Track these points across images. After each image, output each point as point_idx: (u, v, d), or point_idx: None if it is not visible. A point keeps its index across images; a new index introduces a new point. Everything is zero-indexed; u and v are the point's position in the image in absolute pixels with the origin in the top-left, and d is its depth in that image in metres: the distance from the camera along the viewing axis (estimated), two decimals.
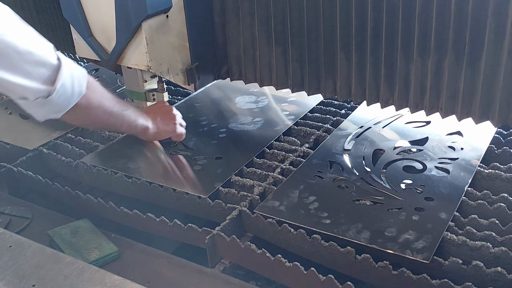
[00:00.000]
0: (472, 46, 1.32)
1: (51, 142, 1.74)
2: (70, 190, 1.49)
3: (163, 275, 1.22)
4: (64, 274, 1.13)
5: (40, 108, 1.19)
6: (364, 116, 1.75)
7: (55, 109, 1.21)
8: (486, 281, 1.09)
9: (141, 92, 1.66)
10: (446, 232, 1.19)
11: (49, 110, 1.21)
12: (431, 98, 1.43)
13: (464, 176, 1.40)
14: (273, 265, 1.18)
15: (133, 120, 1.51)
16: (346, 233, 1.21)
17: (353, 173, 1.44)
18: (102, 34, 1.56)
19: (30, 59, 1.12)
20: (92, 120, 1.39)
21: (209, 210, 1.38)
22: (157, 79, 1.66)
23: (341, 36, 1.48)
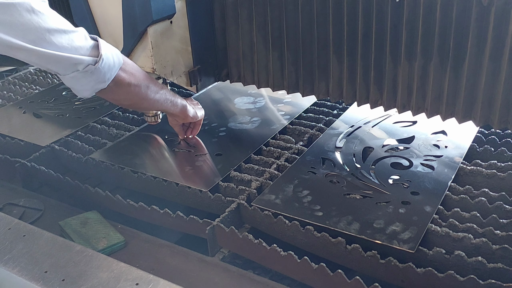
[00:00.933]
0: (456, 51, 1.32)
1: (62, 139, 1.75)
2: (80, 184, 1.49)
3: (166, 263, 1.23)
4: (74, 261, 1.13)
5: (89, 79, 1.22)
6: (355, 116, 1.75)
7: (101, 78, 1.24)
8: (468, 269, 1.10)
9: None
10: (431, 224, 1.20)
11: (97, 79, 1.24)
12: (417, 99, 1.43)
13: (447, 172, 1.40)
14: (269, 254, 1.18)
15: (174, 98, 1.52)
16: (337, 224, 1.22)
17: (344, 169, 1.45)
18: (110, 38, 1.55)
19: (76, 37, 1.19)
20: (142, 96, 1.40)
21: (210, 203, 1.38)
22: (161, 80, 1.66)
23: (333, 41, 1.48)
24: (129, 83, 1.33)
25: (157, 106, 1.50)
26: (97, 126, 1.83)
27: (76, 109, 1.98)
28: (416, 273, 1.08)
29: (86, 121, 1.86)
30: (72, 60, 1.18)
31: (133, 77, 1.34)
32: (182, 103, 1.56)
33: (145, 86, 1.39)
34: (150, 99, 1.43)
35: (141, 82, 1.37)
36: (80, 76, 1.21)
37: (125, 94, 1.36)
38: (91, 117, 1.90)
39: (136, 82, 1.35)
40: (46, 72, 2.43)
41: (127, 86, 1.33)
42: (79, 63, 1.19)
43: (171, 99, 1.51)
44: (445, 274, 1.06)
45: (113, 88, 1.30)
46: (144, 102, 1.43)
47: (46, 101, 2.06)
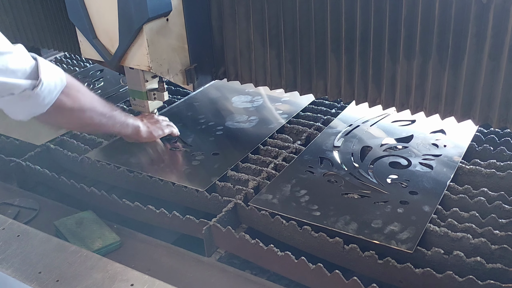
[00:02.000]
0: (455, 49, 1.32)
1: (58, 138, 1.74)
2: (75, 183, 1.48)
3: (162, 263, 1.22)
4: (69, 262, 1.13)
5: (26, 103, 1.16)
6: (353, 115, 1.75)
7: (39, 102, 1.17)
8: (466, 270, 1.09)
9: (143, 92, 1.65)
10: (429, 224, 1.20)
11: (35, 104, 1.17)
12: (416, 98, 1.43)
13: (446, 171, 1.40)
14: (266, 254, 1.18)
15: (124, 120, 1.49)
16: (335, 224, 1.21)
17: (342, 168, 1.44)
18: (106, 36, 1.55)
19: (12, 58, 1.11)
20: (86, 121, 1.35)
21: (206, 202, 1.38)
22: (157, 79, 1.65)
23: (331, 39, 1.47)
24: (72, 107, 1.26)
25: (105, 129, 1.45)
26: None
27: None
28: (414, 274, 1.07)
29: None
30: (6, 85, 1.10)
31: (76, 101, 1.27)
32: (134, 125, 1.53)
33: (90, 110, 1.32)
34: (95, 124, 1.37)
35: (85, 106, 1.30)
36: (16, 100, 1.14)
37: (66, 119, 1.29)
38: None
39: (79, 107, 1.28)
40: None
41: (69, 111, 1.26)
42: (14, 88, 1.11)
43: (121, 122, 1.47)
44: (444, 274, 1.06)
45: (52, 113, 1.22)
46: (88, 127, 1.40)
47: None
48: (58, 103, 1.22)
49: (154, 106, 1.71)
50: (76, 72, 2.33)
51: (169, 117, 1.80)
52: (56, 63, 2.47)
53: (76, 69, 2.39)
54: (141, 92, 1.66)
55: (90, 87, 2.14)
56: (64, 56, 2.60)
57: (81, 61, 2.50)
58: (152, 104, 1.69)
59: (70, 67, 2.42)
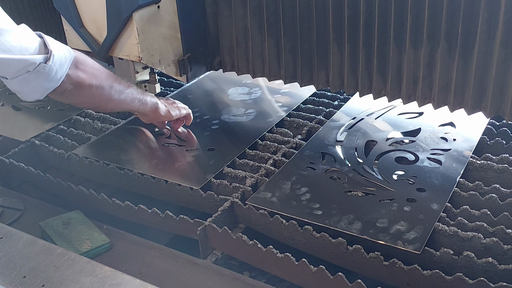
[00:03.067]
0: (465, 37, 1.31)
1: (43, 134, 1.74)
2: (62, 182, 1.48)
3: (154, 266, 1.22)
4: (55, 265, 1.12)
5: (40, 79, 1.20)
6: (356, 107, 1.74)
7: (53, 76, 1.21)
8: (477, 271, 1.09)
9: (133, 84, 1.65)
10: (438, 223, 1.19)
11: (48, 78, 1.21)
12: (423, 89, 1.42)
13: (456, 167, 1.39)
14: (264, 256, 1.18)
15: (142, 97, 1.51)
16: (338, 224, 1.21)
17: (346, 164, 1.44)
18: (93, 25, 1.54)
19: (23, 35, 1.16)
20: (106, 98, 1.39)
21: (201, 201, 1.38)
22: (149, 70, 1.65)
23: (333, 26, 1.47)
24: (90, 84, 1.31)
25: (124, 106, 1.48)
26: (81, 119, 1.82)
27: (58, 101, 1.96)
28: (422, 276, 1.07)
29: (69, 114, 1.85)
30: (23, 63, 1.15)
31: (94, 78, 1.32)
32: (152, 101, 1.54)
33: (109, 87, 1.37)
34: (114, 100, 1.41)
35: (104, 83, 1.35)
36: (31, 78, 1.19)
37: (87, 97, 1.34)
38: (74, 109, 1.88)
39: (98, 83, 1.33)
40: None
41: (89, 88, 1.31)
42: (30, 64, 1.16)
43: (140, 98, 1.49)
44: (453, 276, 1.06)
45: (73, 91, 1.28)
46: (108, 103, 1.42)
47: None
48: (77, 80, 1.28)
49: None
50: None
51: None
52: None
53: None
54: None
55: None
56: None
57: None
58: None
59: None
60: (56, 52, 1.20)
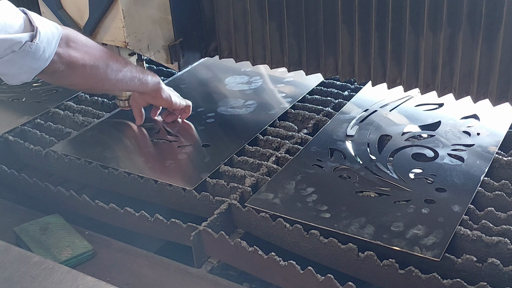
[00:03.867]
0: (489, 19, 1.32)
1: (18, 129, 1.74)
2: (39, 182, 1.49)
3: (143, 276, 1.23)
4: (32, 275, 1.13)
5: (26, 59, 1.21)
6: (369, 98, 1.75)
7: (40, 55, 1.22)
8: (503, 280, 1.10)
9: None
10: (459, 226, 1.20)
11: (35, 57, 1.21)
12: (443, 77, 1.43)
13: (480, 164, 1.40)
14: (266, 264, 1.18)
15: (142, 75, 1.52)
16: (348, 228, 1.22)
17: (357, 161, 1.45)
18: (73, 6, 1.55)
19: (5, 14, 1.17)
20: (101, 79, 1.40)
21: (195, 203, 1.38)
22: (136, 57, 1.65)
23: (342, 7, 1.48)
24: (84, 64, 1.33)
25: (122, 86, 1.51)
26: (60, 113, 1.82)
27: (34, 92, 1.97)
28: (442, 285, 1.08)
29: (46, 106, 1.86)
30: (9, 42, 1.16)
31: (88, 56, 1.34)
32: (154, 80, 1.56)
33: (104, 65, 1.39)
34: (111, 80, 1.43)
35: (99, 61, 1.37)
36: (17, 58, 1.20)
37: (81, 77, 1.36)
38: (52, 101, 1.89)
39: (92, 62, 1.34)
40: None
41: (82, 67, 1.33)
42: (15, 43, 1.17)
43: (139, 77, 1.51)
44: (477, 286, 1.06)
45: (65, 71, 1.29)
46: (105, 84, 1.44)
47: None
48: (69, 60, 1.29)
49: None
50: None
51: None
52: None
53: None
54: None
55: None
56: None
57: None
58: None
59: None
60: (42, 29, 1.21)
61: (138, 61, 1.65)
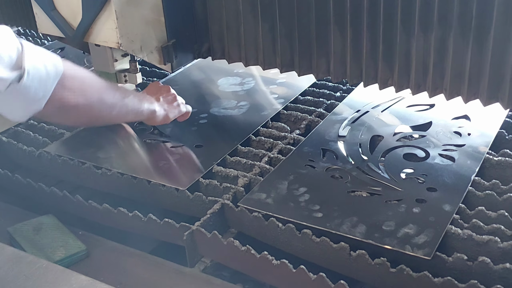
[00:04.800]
0: (480, 20, 1.32)
1: (11, 130, 1.74)
2: (33, 183, 1.49)
3: (136, 275, 1.23)
4: (25, 275, 1.13)
5: (17, 99, 1.14)
6: (361, 99, 1.76)
7: (32, 96, 1.15)
8: (494, 278, 1.10)
9: (112, 73, 1.65)
10: (450, 225, 1.20)
11: (27, 98, 1.15)
12: (434, 78, 1.43)
13: (470, 164, 1.41)
14: (258, 263, 1.19)
15: (138, 107, 1.49)
16: (340, 227, 1.22)
17: (349, 161, 1.45)
18: (66, 7, 1.55)
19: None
20: (94, 116, 1.38)
21: (188, 203, 1.39)
22: (129, 58, 1.65)
23: (334, 8, 1.48)
24: (76, 104, 1.26)
25: (116, 121, 1.49)
26: None
27: None
28: (433, 284, 1.08)
29: None
30: None
31: (81, 96, 1.26)
32: (150, 110, 1.52)
33: (98, 104, 1.33)
34: (104, 117, 1.40)
35: (92, 100, 1.31)
36: (5, 98, 1.12)
37: (73, 117, 1.32)
38: None
39: (85, 102, 1.28)
40: None
41: (74, 108, 1.26)
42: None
43: (135, 110, 1.48)
44: (467, 284, 1.07)
45: (56, 113, 1.24)
46: (97, 121, 1.41)
47: None
48: (60, 99, 1.21)
49: None
50: None
51: None
52: None
53: None
54: (109, 74, 1.65)
55: None
56: (17, 32, 2.58)
57: (37, 37, 2.49)
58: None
59: None
60: (34, 68, 1.13)
61: (131, 62, 1.66)
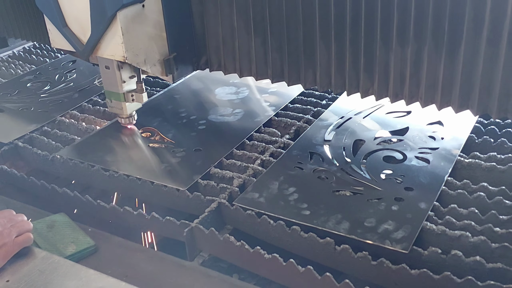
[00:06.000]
0: (451, 35, 1.32)
1: (27, 136, 1.73)
2: (46, 184, 1.47)
3: (140, 268, 1.22)
4: (39, 269, 1.12)
5: None
6: (344, 107, 1.75)
7: None
8: (465, 270, 1.10)
9: (120, 93, 1.63)
10: (426, 222, 1.20)
11: None
12: (410, 87, 1.43)
13: (444, 165, 1.40)
14: (252, 257, 1.18)
15: None
16: (326, 224, 1.22)
17: (333, 164, 1.45)
18: (76, 24, 1.53)
19: None
20: None
21: (188, 202, 1.38)
22: (135, 79, 1.62)
23: (320, 25, 1.47)
24: None
25: None
26: (65, 121, 1.81)
27: (42, 102, 1.96)
28: (410, 275, 1.08)
29: (53, 115, 1.84)
30: None
31: None
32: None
33: None
34: None
35: None
36: None
37: None
38: (59, 110, 1.88)
39: None
40: (8, 62, 2.40)
41: None
42: None
43: None
44: (441, 275, 1.06)
45: None
46: None
47: (9, 93, 2.03)
48: None
49: (132, 108, 1.68)
50: (47, 63, 2.31)
51: (148, 110, 1.80)
52: (24, 54, 2.45)
53: (46, 60, 2.37)
54: (118, 93, 1.63)
55: (62, 80, 2.13)
56: (33, 46, 2.57)
57: (51, 51, 2.47)
58: (130, 106, 1.67)
59: (40, 58, 2.40)
60: None
61: (137, 83, 1.61)
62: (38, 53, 2.48)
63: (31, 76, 2.16)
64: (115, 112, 1.68)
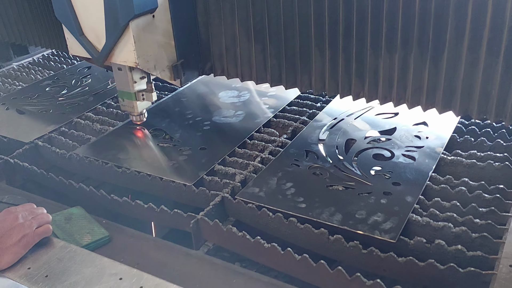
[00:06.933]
0: (435, 43, 1.33)
1: (46, 135, 1.73)
2: (64, 180, 1.48)
3: (150, 257, 1.22)
4: (58, 257, 1.13)
5: None
6: (338, 109, 1.76)
7: None
8: (448, 258, 1.11)
9: (131, 93, 1.63)
10: (412, 214, 1.21)
11: None
12: (398, 90, 1.44)
13: (428, 162, 1.41)
14: (253, 246, 1.18)
15: None
16: (320, 216, 1.22)
17: (327, 161, 1.45)
18: (92, 33, 1.54)
19: None
20: None
21: (194, 196, 1.38)
22: (146, 80, 1.63)
23: (315, 34, 1.48)
24: None
25: None
26: (81, 122, 1.81)
27: (60, 105, 1.96)
28: (397, 262, 1.09)
29: (70, 117, 1.85)
30: None
31: None
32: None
33: None
34: None
35: None
36: None
37: None
38: (75, 112, 1.88)
39: None
40: (29, 68, 2.41)
41: None
42: None
43: None
44: (426, 262, 1.07)
45: None
46: None
47: (29, 97, 2.04)
48: None
49: (143, 106, 1.68)
50: (64, 69, 2.31)
51: (157, 112, 1.80)
52: (43, 61, 2.46)
53: (63, 66, 2.37)
54: (129, 93, 1.64)
55: (78, 84, 2.13)
56: (51, 53, 2.58)
57: (68, 58, 2.48)
58: (141, 104, 1.67)
59: (58, 64, 2.41)
60: None
61: (147, 83, 1.61)
62: (56, 60, 2.48)
63: (50, 81, 2.17)
64: (127, 110, 1.69)
